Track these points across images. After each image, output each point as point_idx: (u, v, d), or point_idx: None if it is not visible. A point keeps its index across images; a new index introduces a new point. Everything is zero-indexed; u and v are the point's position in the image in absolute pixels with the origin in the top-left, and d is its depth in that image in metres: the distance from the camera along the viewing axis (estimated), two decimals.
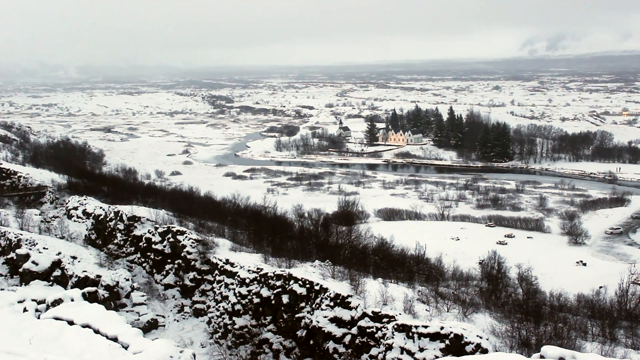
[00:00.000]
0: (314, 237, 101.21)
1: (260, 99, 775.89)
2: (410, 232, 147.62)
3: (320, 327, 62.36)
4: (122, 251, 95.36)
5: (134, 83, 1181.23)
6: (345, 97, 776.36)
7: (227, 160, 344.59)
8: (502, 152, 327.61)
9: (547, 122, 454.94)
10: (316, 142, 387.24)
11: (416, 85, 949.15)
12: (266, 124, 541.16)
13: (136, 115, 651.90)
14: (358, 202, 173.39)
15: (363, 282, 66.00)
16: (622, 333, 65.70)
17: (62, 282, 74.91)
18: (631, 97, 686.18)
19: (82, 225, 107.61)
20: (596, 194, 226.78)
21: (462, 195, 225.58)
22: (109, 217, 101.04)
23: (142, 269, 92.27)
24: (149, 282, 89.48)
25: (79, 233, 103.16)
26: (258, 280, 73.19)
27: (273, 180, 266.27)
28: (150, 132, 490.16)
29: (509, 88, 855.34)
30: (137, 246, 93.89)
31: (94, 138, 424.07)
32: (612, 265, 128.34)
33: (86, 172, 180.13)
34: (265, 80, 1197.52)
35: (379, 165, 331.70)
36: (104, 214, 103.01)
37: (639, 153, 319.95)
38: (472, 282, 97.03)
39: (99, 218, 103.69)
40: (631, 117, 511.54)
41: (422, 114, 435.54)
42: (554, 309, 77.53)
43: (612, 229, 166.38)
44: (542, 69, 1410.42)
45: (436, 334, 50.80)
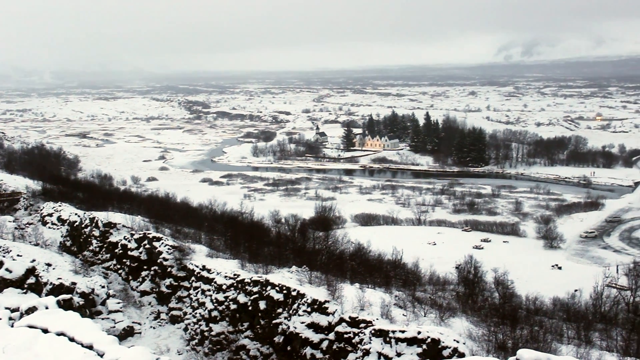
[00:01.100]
0: (291, 243, 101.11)
1: (237, 105, 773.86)
2: (387, 237, 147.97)
3: (297, 333, 62.23)
4: (98, 258, 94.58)
5: (110, 88, 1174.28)
6: (322, 103, 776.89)
7: (203, 166, 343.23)
8: (478, 157, 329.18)
9: (523, 127, 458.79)
10: (293, 148, 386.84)
11: (393, 91, 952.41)
12: (243, 130, 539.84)
13: (112, 120, 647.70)
14: (335, 208, 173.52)
15: (340, 287, 65.96)
16: (597, 335, 66.32)
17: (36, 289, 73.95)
18: (605, 102, 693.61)
19: (57, 232, 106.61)
20: (571, 198, 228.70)
21: (438, 200, 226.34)
22: (85, 223, 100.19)
23: (117, 276, 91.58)
24: (124, 289, 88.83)
25: (54, 240, 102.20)
26: (235, 287, 72.93)
27: (250, 185, 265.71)
28: (126, 138, 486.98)
29: (485, 93, 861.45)
30: (113, 253, 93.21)
31: (69, 144, 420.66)
32: (587, 269, 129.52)
33: (61, 178, 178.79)
34: (242, 86, 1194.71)
35: (355, 170, 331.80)
36: (79, 221, 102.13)
37: (612, 157, 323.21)
38: (449, 287, 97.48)
39: (74, 225, 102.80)
40: (605, 122, 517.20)
41: (398, 120, 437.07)
42: (530, 312, 78.06)
43: (587, 233, 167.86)
44: (517, 75, 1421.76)
45: (413, 338, 50.88)
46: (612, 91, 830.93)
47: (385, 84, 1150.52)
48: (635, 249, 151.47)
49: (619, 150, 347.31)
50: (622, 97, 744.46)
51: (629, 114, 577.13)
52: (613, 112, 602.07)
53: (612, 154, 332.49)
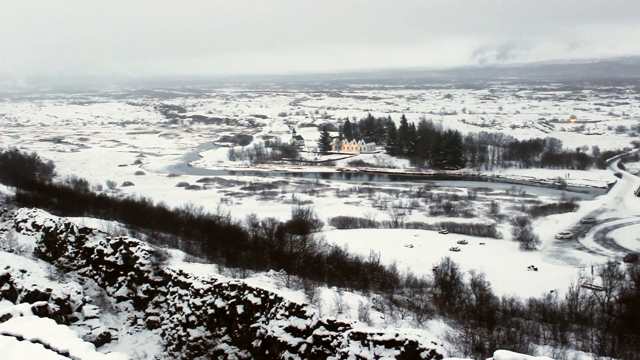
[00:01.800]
0: (268, 247, 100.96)
1: (213, 109, 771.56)
2: (365, 240, 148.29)
3: (275, 337, 62.10)
4: (74, 264, 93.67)
5: (85, 93, 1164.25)
6: (298, 106, 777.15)
7: (180, 170, 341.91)
8: (454, 160, 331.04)
9: (498, 129, 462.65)
10: (270, 152, 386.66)
11: (369, 94, 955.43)
12: (219, 134, 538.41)
13: (87, 125, 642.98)
14: (312, 211, 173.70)
15: (318, 290, 65.95)
16: (573, 336, 66.84)
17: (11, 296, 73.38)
18: (579, 105, 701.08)
19: (31, 238, 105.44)
20: (546, 199, 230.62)
21: (415, 202, 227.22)
22: (60, 229, 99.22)
23: (94, 282, 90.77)
24: (101, 295, 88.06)
25: (29, 246, 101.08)
26: (212, 291, 72.62)
27: (226, 189, 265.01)
28: (101, 143, 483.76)
29: (461, 96, 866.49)
30: (89, 258, 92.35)
31: (44, 149, 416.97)
32: (563, 270, 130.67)
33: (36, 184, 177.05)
34: (218, 90, 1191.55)
35: (332, 173, 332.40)
36: (55, 226, 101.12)
37: (586, 159, 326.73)
38: (426, 289, 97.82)
39: (49, 230, 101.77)
40: (579, 124, 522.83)
41: (375, 123, 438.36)
42: (507, 313, 78.49)
43: (562, 234, 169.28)
44: (492, 78, 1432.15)
45: (391, 341, 50.96)
46: (586, 94, 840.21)
47: (362, 87, 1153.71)
48: (610, 250, 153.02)
49: (592, 152, 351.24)
50: (595, 100, 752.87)
51: (602, 117, 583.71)
52: (587, 114, 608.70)
53: (586, 156, 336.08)
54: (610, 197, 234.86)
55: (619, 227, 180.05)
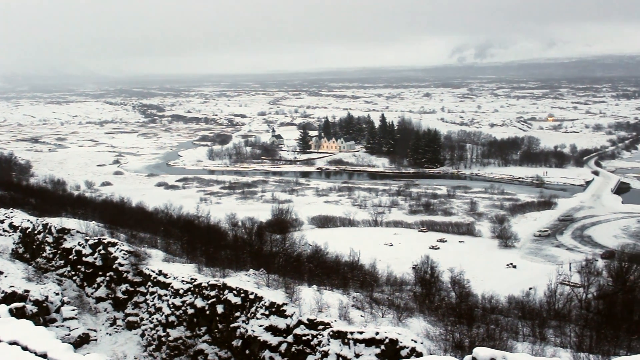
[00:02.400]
0: (248, 246, 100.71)
1: (192, 108, 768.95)
2: (344, 238, 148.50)
3: (255, 336, 61.99)
4: (52, 265, 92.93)
5: (62, 92, 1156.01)
6: (277, 105, 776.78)
7: (159, 169, 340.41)
8: (433, 158, 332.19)
9: (477, 128, 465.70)
10: (249, 151, 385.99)
11: (348, 93, 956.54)
12: (198, 133, 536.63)
13: (65, 125, 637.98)
14: (292, 210, 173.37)
15: (298, 289, 65.89)
16: (552, 332, 67.32)
17: None
18: (556, 103, 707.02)
19: (8, 239, 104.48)
20: (525, 197, 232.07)
21: (394, 201, 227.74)
22: (37, 229, 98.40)
23: (72, 283, 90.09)
24: (79, 296, 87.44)
25: (5, 247, 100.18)
26: (192, 291, 72.36)
27: (206, 189, 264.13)
28: (79, 142, 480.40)
29: (439, 95, 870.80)
30: (67, 259, 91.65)
31: (21, 149, 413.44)
32: (541, 267, 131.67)
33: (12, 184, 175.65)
34: (196, 89, 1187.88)
35: (312, 172, 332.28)
36: (32, 227, 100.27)
37: (564, 157, 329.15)
38: (406, 287, 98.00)
39: (26, 231, 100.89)
40: (556, 123, 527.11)
41: (354, 122, 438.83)
42: (486, 311, 78.88)
43: (540, 232, 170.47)
44: (471, 76, 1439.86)
45: (371, 339, 51.05)
46: (563, 92, 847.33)
47: (341, 86, 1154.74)
48: (587, 247, 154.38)
49: (570, 150, 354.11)
50: (572, 98, 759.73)
51: (580, 115, 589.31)
52: (564, 112, 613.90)
53: (563, 154, 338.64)
54: (587, 195, 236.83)
55: (596, 225, 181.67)
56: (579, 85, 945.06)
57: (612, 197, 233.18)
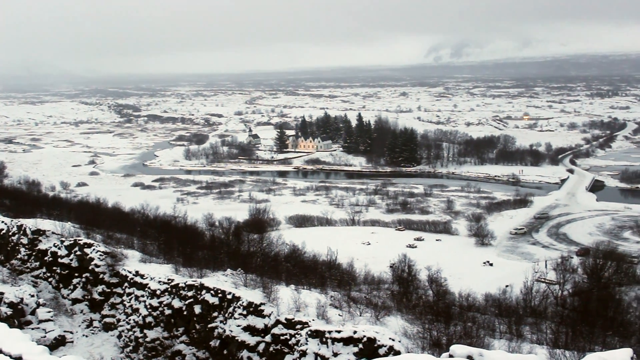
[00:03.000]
0: (226, 246, 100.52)
1: (168, 108, 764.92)
2: (322, 238, 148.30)
3: (233, 337, 61.89)
4: (27, 266, 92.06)
5: (37, 92, 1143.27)
6: (254, 105, 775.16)
7: (135, 170, 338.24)
8: (410, 157, 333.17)
9: (453, 127, 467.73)
10: (226, 151, 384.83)
11: (325, 92, 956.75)
12: (175, 133, 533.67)
13: (39, 125, 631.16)
14: (269, 210, 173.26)
15: (276, 289, 65.85)
16: (528, 329, 67.88)
17: None
18: (531, 102, 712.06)
19: None
20: (501, 196, 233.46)
21: (372, 200, 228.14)
22: (12, 231, 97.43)
23: (47, 284, 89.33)
24: (55, 298, 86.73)
25: None
26: (169, 291, 72.08)
27: (183, 189, 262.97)
28: (54, 143, 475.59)
29: (416, 94, 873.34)
30: (42, 261, 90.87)
31: None
32: (517, 265, 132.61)
33: None
34: (173, 89, 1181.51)
35: (289, 172, 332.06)
36: (6, 229, 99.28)
37: (540, 156, 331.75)
38: (384, 286, 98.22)
39: (0, 233, 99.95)
40: (532, 121, 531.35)
41: (331, 121, 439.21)
42: (463, 308, 79.29)
43: (517, 230, 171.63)
44: (447, 76, 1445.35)
45: (349, 338, 51.16)
46: (538, 91, 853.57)
47: (318, 86, 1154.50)
48: (563, 244, 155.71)
49: (545, 149, 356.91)
50: (547, 97, 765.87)
51: (555, 114, 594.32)
52: (539, 111, 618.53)
53: (539, 153, 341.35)
54: (562, 193, 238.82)
55: (571, 222, 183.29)
56: (553, 84, 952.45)
57: (587, 195, 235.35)
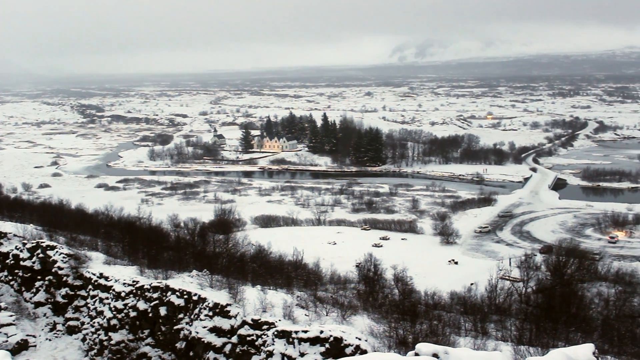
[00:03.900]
0: (191, 247, 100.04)
1: (132, 108, 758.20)
2: (288, 238, 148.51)
3: (199, 338, 61.59)
4: None
5: None
6: (219, 105, 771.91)
7: (98, 171, 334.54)
8: (375, 157, 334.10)
9: (418, 126, 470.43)
10: (191, 151, 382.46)
11: (290, 92, 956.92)
12: (139, 133, 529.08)
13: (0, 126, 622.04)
14: (234, 210, 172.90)
15: (242, 290, 65.69)
16: (493, 326, 68.59)
17: None
18: (495, 102, 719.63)
19: None
20: (465, 194, 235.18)
21: (337, 200, 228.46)
22: None
23: (9, 288, 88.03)
24: (17, 301, 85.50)
25: None
26: (134, 293, 71.49)
27: (147, 190, 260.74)
28: (15, 144, 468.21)
29: (381, 94, 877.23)
30: (4, 264, 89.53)
31: None
32: (482, 263, 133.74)
33: None
34: (137, 89, 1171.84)
35: (254, 172, 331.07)
36: None
37: (503, 155, 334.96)
38: (350, 285, 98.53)
39: None
40: (495, 121, 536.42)
41: (296, 121, 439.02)
42: (429, 307, 79.79)
43: (481, 228, 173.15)
44: (411, 75, 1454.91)
45: (316, 338, 51.20)
46: (502, 91, 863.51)
47: (283, 86, 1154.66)
48: (526, 242, 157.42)
49: (509, 148, 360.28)
50: (510, 97, 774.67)
51: (518, 113, 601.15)
52: (503, 111, 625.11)
53: (502, 152, 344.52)
54: (526, 191, 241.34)
55: (534, 220, 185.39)
56: (516, 84, 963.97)
57: (550, 193, 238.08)
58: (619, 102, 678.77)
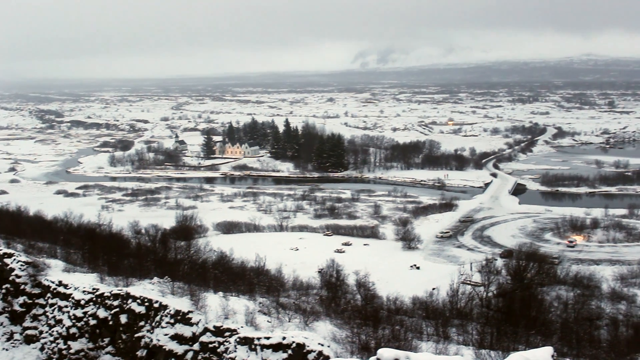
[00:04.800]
0: (152, 254, 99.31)
1: (92, 113, 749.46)
2: (250, 244, 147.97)
3: (161, 346, 61.03)
4: None
5: None
6: (181, 111, 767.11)
7: (58, 177, 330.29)
8: (337, 163, 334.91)
9: (380, 132, 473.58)
10: (152, 157, 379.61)
11: (252, 98, 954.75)
12: (99, 139, 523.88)
13: None
14: (196, 216, 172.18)
15: (204, 296, 65.32)
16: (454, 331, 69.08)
17: None
18: (456, 108, 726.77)
19: None
20: (427, 200, 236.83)
21: (299, 205, 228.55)
22: None
23: None
24: None
25: None
26: (94, 301, 70.61)
27: (108, 196, 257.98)
28: None
29: (343, 100, 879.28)
30: None
31: None
32: (443, 268, 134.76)
33: None
34: (97, 94, 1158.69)
35: (216, 178, 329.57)
36: None
37: (464, 160, 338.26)
38: (312, 291, 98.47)
39: None
40: (456, 127, 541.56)
41: (258, 126, 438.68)
42: (391, 312, 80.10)
43: (442, 233, 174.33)
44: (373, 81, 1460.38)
45: (278, 344, 51.05)
46: (462, 97, 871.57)
47: (245, 91, 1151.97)
48: (487, 247, 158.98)
49: (469, 153, 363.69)
50: (471, 103, 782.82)
51: (478, 119, 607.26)
52: (463, 117, 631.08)
53: (463, 157, 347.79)
54: (486, 196, 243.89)
55: (495, 225, 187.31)
56: (477, 90, 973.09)
57: (510, 198, 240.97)
58: (577, 109, 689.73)
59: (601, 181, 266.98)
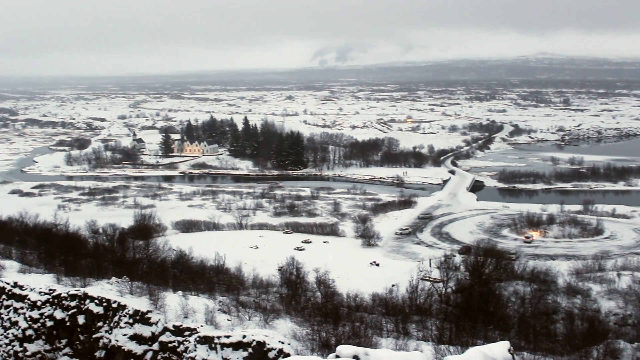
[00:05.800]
0: (110, 253, 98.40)
1: (47, 112, 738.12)
2: (209, 242, 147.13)
3: (119, 346, 60.46)
4: None
5: None
6: (138, 109, 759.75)
7: (12, 176, 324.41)
8: (296, 160, 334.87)
9: (339, 130, 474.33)
10: (109, 155, 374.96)
11: (211, 96, 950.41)
12: (55, 138, 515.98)
13: None
14: (155, 215, 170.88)
15: (163, 296, 64.94)
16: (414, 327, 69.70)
17: None
18: (414, 106, 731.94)
19: None
20: (386, 197, 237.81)
21: (259, 203, 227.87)
22: None
23: None
24: None
25: None
26: (51, 302, 69.64)
27: (64, 196, 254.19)
28: None
29: (302, 98, 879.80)
30: None
31: None
32: (403, 264, 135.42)
33: None
34: (52, 92, 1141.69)
35: (175, 176, 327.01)
36: None
37: (423, 157, 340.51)
38: (272, 289, 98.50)
39: None
40: (415, 124, 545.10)
41: (217, 125, 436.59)
42: (351, 309, 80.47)
43: (402, 230, 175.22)
44: (332, 79, 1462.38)
45: (239, 342, 50.97)
46: (421, 95, 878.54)
47: (203, 89, 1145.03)
48: (446, 243, 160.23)
49: (428, 151, 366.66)
50: (429, 101, 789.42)
51: (436, 117, 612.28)
52: (422, 114, 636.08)
53: (422, 154, 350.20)
54: (445, 193, 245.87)
55: (453, 222, 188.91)
56: (435, 88, 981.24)
57: (468, 195, 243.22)
58: (533, 106, 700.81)
59: (557, 178, 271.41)
